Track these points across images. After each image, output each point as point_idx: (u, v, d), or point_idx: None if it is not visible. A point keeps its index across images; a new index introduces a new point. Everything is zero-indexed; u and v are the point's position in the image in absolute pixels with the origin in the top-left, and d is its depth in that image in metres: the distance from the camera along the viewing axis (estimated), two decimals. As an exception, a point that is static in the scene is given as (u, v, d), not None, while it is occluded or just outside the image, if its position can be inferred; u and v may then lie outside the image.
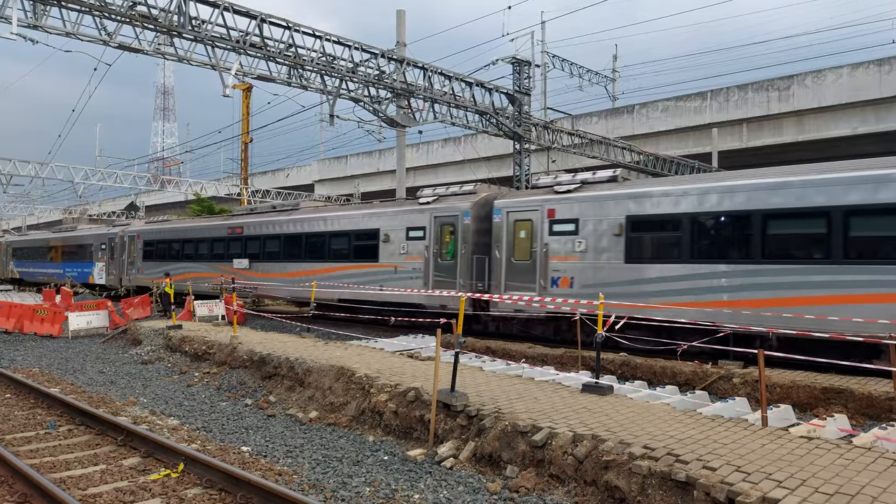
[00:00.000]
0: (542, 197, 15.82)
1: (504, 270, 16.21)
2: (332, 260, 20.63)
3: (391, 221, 19.13)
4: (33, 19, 14.91)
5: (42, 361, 14.72)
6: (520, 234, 16.11)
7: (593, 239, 14.64)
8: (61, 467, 6.90)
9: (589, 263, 14.72)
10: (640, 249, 13.87)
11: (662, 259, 13.51)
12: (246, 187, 43.47)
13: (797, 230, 11.85)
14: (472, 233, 17.05)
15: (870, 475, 5.38)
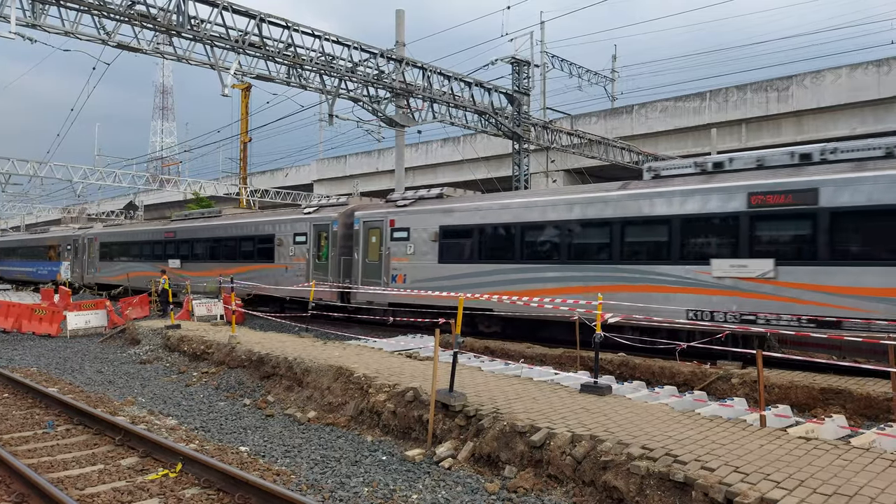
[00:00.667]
0: (386, 209, 19.25)
1: (360, 269, 19.71)
2: (242, 260, 24.13)
3: (283, 228, 22.62)
4: (32, 18, 14.89)
5: (40, 361, 14.70)
6: (371, 239, 19.56)
7: (419, 244, 18.10)
8: (59, 467, 6.89)
9: (416, 263, 18.14)
10: (449, 252, 17.37)
11: (462, 260, 17.07)
12: (245, 187, 43.46)
13: (541, 238, 15.47)
14: (340, 238, 20.49)
15: (868, 476, 5.38)
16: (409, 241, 18.29)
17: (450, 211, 17.44)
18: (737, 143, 32.15)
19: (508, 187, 27.24)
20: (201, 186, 45.21)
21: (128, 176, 38.62)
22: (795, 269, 11.65)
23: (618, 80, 45.70)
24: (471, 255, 16.77)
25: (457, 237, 17.14)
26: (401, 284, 18.24)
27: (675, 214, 13.20)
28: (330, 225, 20.78)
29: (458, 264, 16.99)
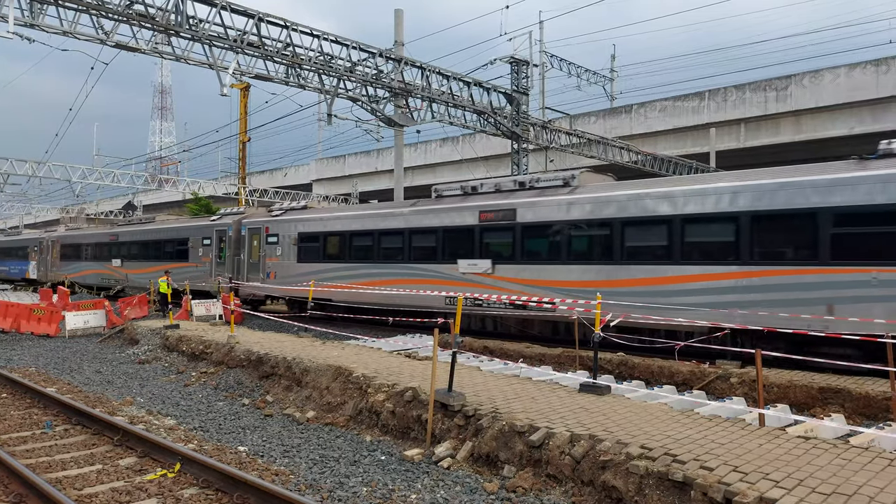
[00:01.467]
0: (264, 218, 24.23)
1: (246, 267, 24.38)
2: (167, 260, 28.68)
3: (194, 233, 27.59)
4: (30, 18, 14.86)
5: (39, 361, 14.68)
6: (254, 243, 24.16)
7: (285, 247, 22.66)
8: (57, 467, 6.88)
9: (283, 262, 22.69)
10: (305, 254, 21.92)
11: (314, 260, 21.54)
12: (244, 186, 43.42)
13: (362, 243, 19.95)
14: (234, 242, 25.26)
15: (867, 475, 5.38)
16: (278, 244, 23.13)
17: (304, 221, 22.21)
18: (735, 143, 32.19)
19: (507, 187, 27.19)
20: (200, 186, 45.16)
21: (126, 176, 38.56)
22: (504, 266, 16.09)
23: (617, 79, 45.69)
24: (319, 256, 21.37)
25: (310, 241, 21.79)
26: (273, 280, 23.00)
27: (440, 226, 17.61)
28: (226, 231, 25.68)
29: (311, 263, 21.53)
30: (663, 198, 13.42)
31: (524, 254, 15.71)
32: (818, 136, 29.73)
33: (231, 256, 25.08)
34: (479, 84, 23.72)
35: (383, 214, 19.49)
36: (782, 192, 11.87)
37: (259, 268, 23.69)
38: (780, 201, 11.84)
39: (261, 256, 23.57)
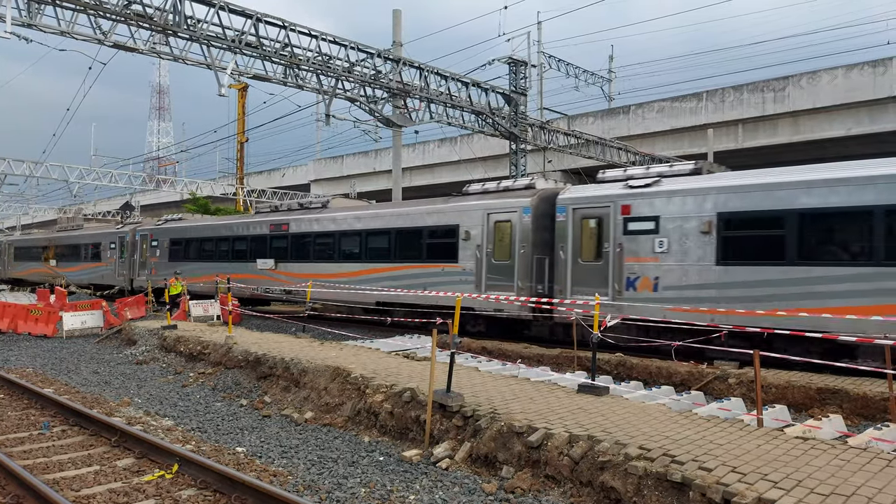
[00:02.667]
0: (147, 227, 30.09)
1: (137, 267, 30.33)
2: (87, 260, 35.28)
3: (105, 238, 33.77)
4: (27, 18, 14.83)
5: (36, 362, 14.65)
6: (143, 246, 30.13)
7: (162, 250, 29.01)
8: (55, 468, 6.86)
9: (161, 262, 28.88)
10: (173, 255, 28.48)
11: (184, 260, 27.52)
12: (241, 187, 43.37)
13: (208, 246, 26.55)
14: (129, 245, 31.15)
15: (865, 476, 5.39)
16: (158, 248, 28.97)
17: (174, 229, 28.09)
18: (733, 144, 32.22)
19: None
20: (198, 186, 45.12)
21: (124, 176, 38.51)
22: (286, 264, 22.51)
23: (615, 80, 45.73)
24: (180, 256, 27.68)
25: (176, 245, 28.17)
26: (154, 275, 28.27)
27: (248, 234, 24.47)
28: (125, 237, 31.69)
29: (186, 262, 27.14)
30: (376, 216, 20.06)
31: (294, 255, 22.31)
32: (816, 136, 29.77)
33: (128, 258, 31.03)
34: (477, 84, 23.73)
35: (218, 225, 26.58)
36: None
37: (146, 266, 29.82)
38: None
39: (147, 258, 29.39)
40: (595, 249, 14.77)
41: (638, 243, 13.93)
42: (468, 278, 16.88)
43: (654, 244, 13.68)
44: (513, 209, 16.36)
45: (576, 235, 15.08)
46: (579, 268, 14.91)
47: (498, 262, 16.42)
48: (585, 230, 14.97)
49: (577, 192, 15.40)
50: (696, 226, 13.08)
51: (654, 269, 13.62)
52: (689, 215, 13.21)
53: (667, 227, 13.50)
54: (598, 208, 14.75)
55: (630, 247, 14.03)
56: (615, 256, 14.22)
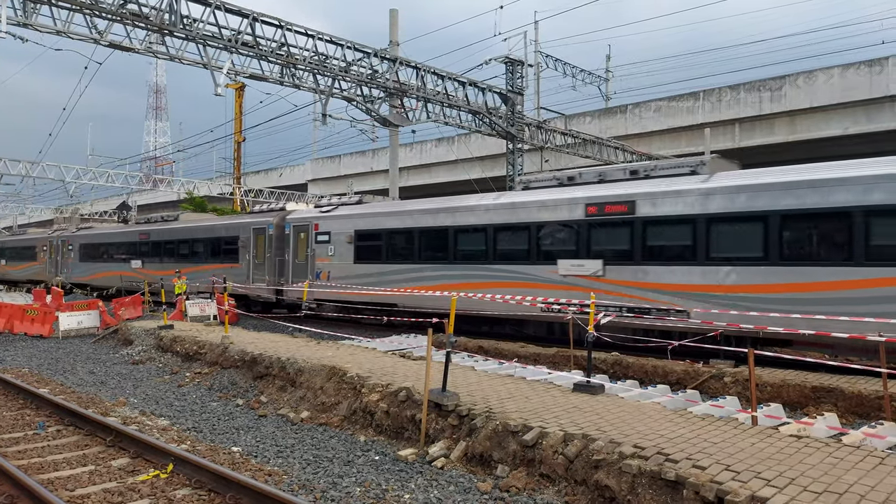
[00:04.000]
0: (71, 234, 34.94)
1: (59, 266, 35.25)
2: (26, 260, 41.70)
3: (38, 242, 40.03)
4: (23, 17, 14.80)
5: (32, 362, 14.62)
6: (60, 249, 36.34)
7: (77, 252, 34.64)
8: (49, 468, 6.85)
9: (76, 262, 35.16)
10: (86, 256, 33.59)
11: (93, 260, 32.91)
12: (239, 187, 43.32)
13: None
14: (58, 246, 36.47)
15: (858, 473, 5.41)
16: (73, 251, 34.12)
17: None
18: (730, 143, 32.27)
19: (503, 187, 27.25)
20: (195, 186, 45.05)
21: (121, 176, 38.46)
22: None
23: (612, 79, 45.76)
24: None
25: (91, 249, 32.94)
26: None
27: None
28: (56, 239, 37.00)
29: (91, 263, 33.07)
30: None
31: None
32: (813, 136, 29.84)
33: (55, 258, 33.19)
34: (474, 84, 23.73)
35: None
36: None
37: (57, 266, 32.88)
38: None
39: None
40: (304, 252, 21.82)
41: (322, 249, 21.17)
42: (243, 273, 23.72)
43: (327, 249, 20.89)
44: (263, 224, 23.44)
45: (294, 243, 22.24)
46: (296, 265, 21.90)
47: (258, 262, 23.43)
48: (300, 239, 22.05)
49: (296, 214, 23.01)
50: (345, 238, 20.32)
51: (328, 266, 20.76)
52: (343, 232, 20.40)
53: (334, 239, 20.67)
54: (305, 225, 21.96)
55: (318, 251, 21.24)
56: (311, 257, 21.42)
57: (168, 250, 28.37)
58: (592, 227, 14.21)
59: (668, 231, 13.14)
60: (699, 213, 12.69)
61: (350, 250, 19.63)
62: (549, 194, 15.25)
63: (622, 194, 13.80)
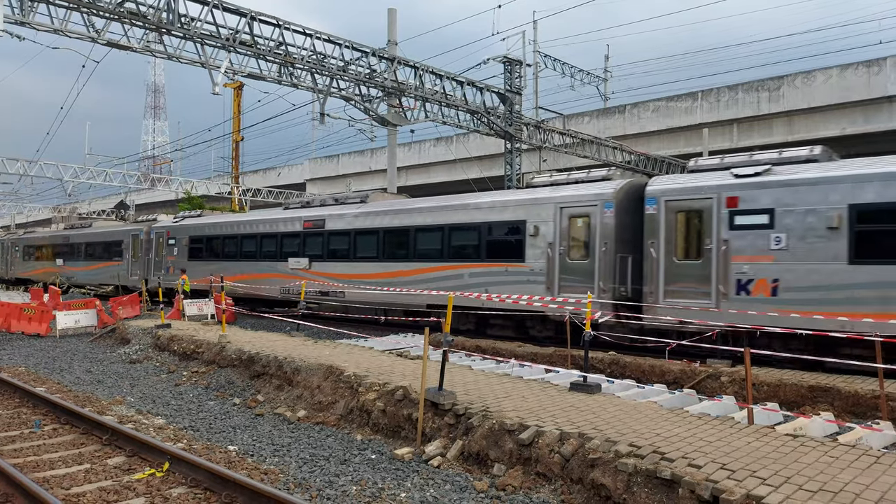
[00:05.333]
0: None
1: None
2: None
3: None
4: (20, 16, 14.77)
5: (29, 360, 14.60)
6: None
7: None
8: (45, 466, 6.84)
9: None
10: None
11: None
12: (237, 186, 43.28)
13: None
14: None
15: (853, 472, 5.41)
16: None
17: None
18: (728, 143, 32.29)
19: (500, 187, 27.26)
20: (193, 185, 45.02)
21: (118, 175, 38.41)
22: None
23: (610, 79, 45.79)
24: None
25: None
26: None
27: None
28: (7, 241, 38.59)
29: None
30: None
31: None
32: (810, 136, 29.86)
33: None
34: (472, 84, 23.72)
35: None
36: None
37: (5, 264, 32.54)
38: None
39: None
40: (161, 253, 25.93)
41: (170, 250, 26.61)
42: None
43: (174, 250, 25.33)
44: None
45: (156, 246, 26.29)
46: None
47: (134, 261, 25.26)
48: (159, 243, 25.73)
49: (158, 224, 27.13)
50: (184, 242, 27.09)
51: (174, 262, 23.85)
52: (182, 237, 27.25)
53: (178, 242, 25.51)
54: (162, 232, 26.58)
55: (168, 252, 25.96)
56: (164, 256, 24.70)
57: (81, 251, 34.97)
58: (307, 236, 21.44)
59: (338, 239, 20.26)
60: (352, 228, 19.85)
61: (185, 251, 26.82)
62: (287, 213, 22.84)
63: (319, 215, 21.21)
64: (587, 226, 14.67)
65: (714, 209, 12.75)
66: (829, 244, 11.43)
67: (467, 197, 18.04)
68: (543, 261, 15.21)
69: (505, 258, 16.04)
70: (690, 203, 13.19)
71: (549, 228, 15.18)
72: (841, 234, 11.32)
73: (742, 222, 12.49)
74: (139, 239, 29.75)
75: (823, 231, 11.52)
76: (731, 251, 12.46)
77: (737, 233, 12.48)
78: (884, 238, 10.94)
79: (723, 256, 12.53)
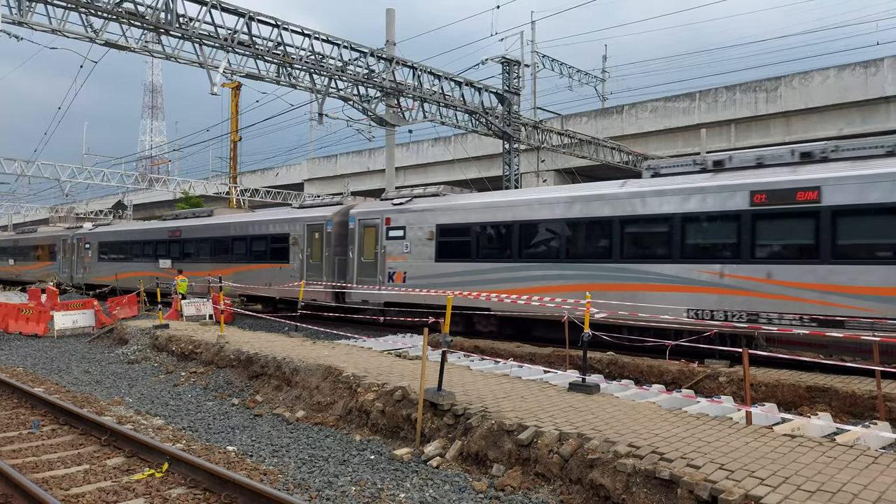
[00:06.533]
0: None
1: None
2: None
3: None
4: (18, 15, 14.75)
5: (27, 361, 14.58)
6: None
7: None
8: (44, 467, 6.84)
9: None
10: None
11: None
12: (235, 186, 43.24)
13: None
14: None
15: (851, 472, 5.43)
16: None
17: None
18: (726, 144, 32.33)
19: (499, 187, 27.27)
20: (191, 186, 44.96)
21: (116, 175, 38.31)
22: None
23: (608, 80, 45.84)
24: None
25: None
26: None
27: None
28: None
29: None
30: None
31: None
32: (808, 136, 29.91)
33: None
34: (470, 84, 23.74)
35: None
36: None
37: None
38: None
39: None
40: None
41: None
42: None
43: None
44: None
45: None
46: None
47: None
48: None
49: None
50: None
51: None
52: None
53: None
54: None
55: None
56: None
57: None
58: (171, 242, 28.17)
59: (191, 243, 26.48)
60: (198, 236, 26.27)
61: (97, 254, 30.62)
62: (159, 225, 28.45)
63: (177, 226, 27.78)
64: (321, 237, 21.33)
65: (381, 226, 19.27)
66: (428, 249, 17.81)
67: (255, 214, 26.87)
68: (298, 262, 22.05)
69: (278, 260, 22.89)
70: (369, 221, 19.68)
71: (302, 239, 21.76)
72: (432, 243, 17.71)
73: (392, 235, 18.86)
74: (68, 243, 34.76)
75: (426, 241, 17.88)
76: (387, 254, 18.94)
77: (389, 241, 18.89)
78: (450, 246, 17.34)
79: (382, 257, 19.15)
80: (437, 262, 17.47)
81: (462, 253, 17.00)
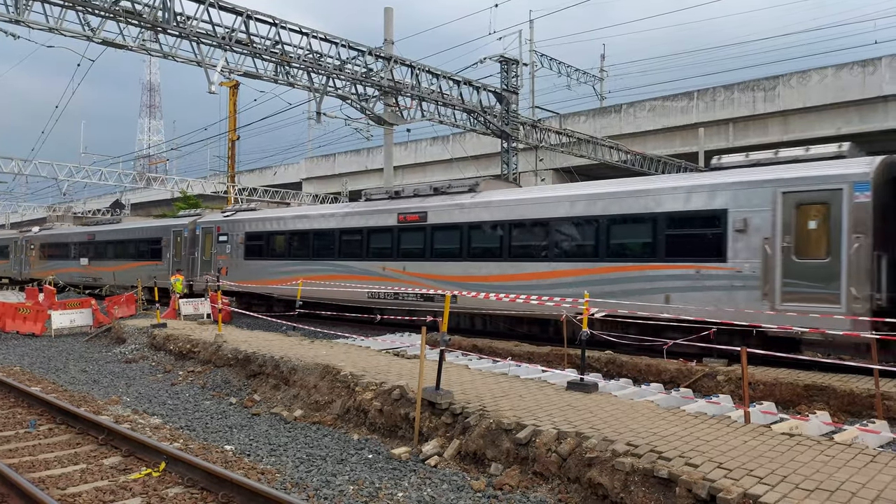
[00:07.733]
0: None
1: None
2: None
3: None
4: (15, 14, 14.70)
5: (24, 360, 14.55)
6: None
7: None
8: (41, 467, 6.81)
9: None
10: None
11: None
12: (233, 185, 43.17)
13: None
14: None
15: (849, 471, 5.43)
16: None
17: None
18: (724, 143, 32.33)
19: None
20: (189, 185, 44.88)
21: (114, 174, 38.19)
22: None
23: (606, 79, 45.83)
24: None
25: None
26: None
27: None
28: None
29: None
30: None
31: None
32: (806, 136, 29.92)
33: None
34: (468, 83, 23.71)
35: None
36: None
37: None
38: None
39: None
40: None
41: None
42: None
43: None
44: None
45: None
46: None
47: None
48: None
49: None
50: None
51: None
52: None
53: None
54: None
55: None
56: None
57: None
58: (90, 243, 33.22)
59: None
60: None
61: (38, 254, 33.41)
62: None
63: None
64: (181, 241, 27.85)
65: (214, 232, 25.25)
66: (241, 250, 23.72)
67: (146, 221, 33.51)
68: (167, 260, 27.68)
69: (156, 258, 28.89)
70: (209, 229, 25.81)
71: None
72: (243, 246, 23.68)
73: (221, 240, 24.71)
74: (18, 244, 40.16)
75: (239, 244, 23.80)
76: (217, 253, 24.64)
77: (219, 245, 24.62)
78: (252, 248, 23.52)
79: (215, 256, 24.90)
80: (245, 260, 23.61)
81: (259, 253, 23.13)
